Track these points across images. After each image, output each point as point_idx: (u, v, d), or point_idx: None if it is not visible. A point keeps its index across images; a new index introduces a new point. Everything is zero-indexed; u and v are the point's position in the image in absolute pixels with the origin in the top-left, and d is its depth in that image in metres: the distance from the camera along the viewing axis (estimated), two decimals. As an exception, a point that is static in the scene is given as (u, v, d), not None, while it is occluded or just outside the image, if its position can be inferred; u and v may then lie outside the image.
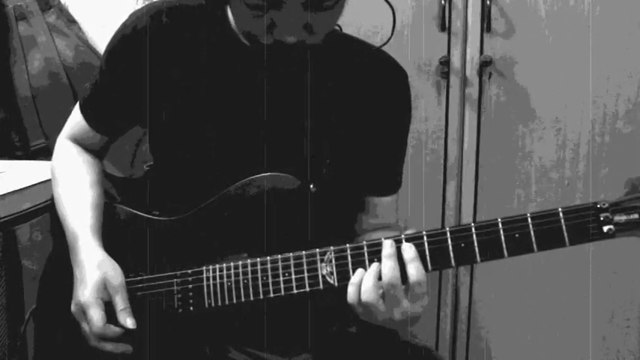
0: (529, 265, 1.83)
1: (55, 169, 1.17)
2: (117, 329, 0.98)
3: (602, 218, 0.84)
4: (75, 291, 1.02)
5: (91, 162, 1.17)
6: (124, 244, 1.06)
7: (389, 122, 1.11)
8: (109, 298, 1.00)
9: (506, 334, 1.90)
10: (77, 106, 1.18)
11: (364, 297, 0.90)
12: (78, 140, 1.19)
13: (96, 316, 0.98)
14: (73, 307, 1.02)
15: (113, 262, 1.02)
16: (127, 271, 1.03)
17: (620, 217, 0.83)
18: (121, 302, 0.99)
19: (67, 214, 1.08)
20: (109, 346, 1.00)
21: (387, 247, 0.91)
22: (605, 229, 0.84)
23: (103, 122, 1.15)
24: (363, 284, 0.91)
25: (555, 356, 1.89)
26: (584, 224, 0.84)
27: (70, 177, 1.14)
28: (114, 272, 1.01)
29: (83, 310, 0.99)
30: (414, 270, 0.89)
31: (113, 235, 1.08)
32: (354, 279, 0.92)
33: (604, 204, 0.84)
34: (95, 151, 1.19)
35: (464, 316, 1.92)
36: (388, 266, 0.90)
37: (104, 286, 1.00)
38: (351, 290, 0.92)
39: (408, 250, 0.90)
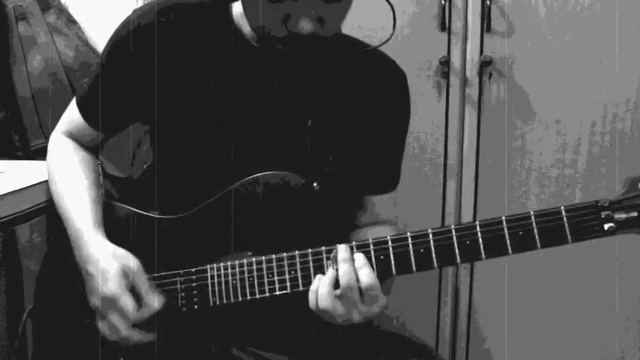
0: (529, 265, 1.83)
1: (52, 166, 1.17)
2: (148, 313, 0.99)
3: (603, 216, 0.86)
4: (92, 287, 1.01)
5: (88, 159, 1.17)
6: (125, 243, 1.06)
7: (387, 122, 1.12)
8: (131, 286, 0.99)
9: (506, 334, 1.90)
10: (73, 103, 1.17)
11: (321, 304, 0.92)
12: (74, 137, 1.18)
13: (128, 304, 0.98)
14: (96, 302, 1.01)
15: (124, 250, 1.02)
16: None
17: (621, 215, 0.85)
18: (145, 285, 0.99)
19: (68, 212, 1.08)
20: (138, 336, 1.00)
21: (342, 252, 0.93)
22: (607, 226, 0.86)
23: (102, 118, 1.14)
24: (318, 291, 0.93)
25: (555, 356, 1.89)
26: (586, 222, 0.86)
27: (69, 175, 1.13)
28: (130, 259, 1.01)
29: (112, 302, 0.98)
30: (365, 276, 0.91)
31: (113, 233, 1.08)
32: (313, 286, 0.94)
33: (605, 202, 0.86)
34: (91, 148, 1.19)
35: (464, 316, 1.92)
36: (343, 270, 0.91)
37: (125, 275, 0.99)
38: (310, 297, 0.94)
39: (358, 259, 0.92)
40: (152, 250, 1.04)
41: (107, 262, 1.00)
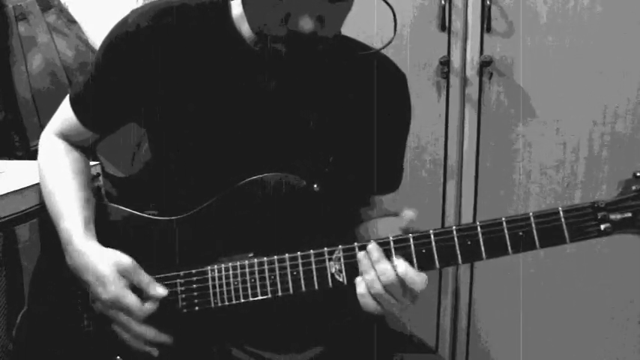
0: (529, 265, 1.83)
1: (43, 168, 1.15)
2: (153, 305, 0.99)
3: (599, 217, 0.88)
4: (94, 294, 1.02)
5: (80, 160, 1.16)
6: (123, 245, 1.05)
7: (388, 125, 1.12)
8: (130, 283, 1.00)
9: (506, 334, 1.90)
10: (66, 102, 1.15)
11: (374, 291, 0.93)
12: (66, 136, 1.17)
13: (133, 301, 0.99)
14: (100, 308, 1.02)
15: (113, 250, 1.02)
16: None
17: (616, 216, 0.88)
18: (144, 278, 1.00)
19: (58, 214, 1.07)
20: (151, 331, 1.00)
21: (375, 253, 0.93)
22: (603, 227, 0.88)
23: (96, 118, 1.13)
24: (371, 287, 0.93)
25: (555, 356, 1.89)
26: (583, 222, 0.89)
27: (60, 177, 1.12)
28: (122, 258, 1.01)
29: (117, 304, 0.99)
30: (402, 271, 0.92)
31: (112, 236, 1.07)
32: (359, 278, 0.94)
33: (601, 203, 0.89)
34: (83, 147, 1.18)
35: (464, 316, 1.92)
36: (380, 270, 0.92)
37: (121, 275, 1.00)
38: (359, 286, 0.94)
39: (374, 252, 0.93)
40: (151, 251, 1.04)
41: (103, 268, 1.00)
